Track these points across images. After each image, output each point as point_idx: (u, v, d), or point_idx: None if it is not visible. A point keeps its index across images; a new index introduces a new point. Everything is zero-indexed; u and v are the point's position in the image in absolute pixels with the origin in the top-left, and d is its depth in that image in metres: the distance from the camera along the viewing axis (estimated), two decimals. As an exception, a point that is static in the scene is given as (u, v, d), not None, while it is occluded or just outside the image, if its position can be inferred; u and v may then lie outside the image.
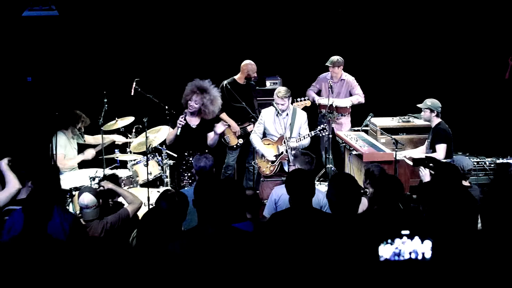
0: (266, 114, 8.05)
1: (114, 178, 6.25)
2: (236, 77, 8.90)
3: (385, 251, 2.89)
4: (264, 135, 8.12)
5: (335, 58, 9.18)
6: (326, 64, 9.19)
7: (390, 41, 10.40)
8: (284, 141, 7.78)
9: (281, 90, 7.86)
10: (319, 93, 9.39)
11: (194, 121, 7.59)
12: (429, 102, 7.85)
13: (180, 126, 7.36)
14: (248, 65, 8.86)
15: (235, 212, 4.39)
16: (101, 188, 5.90)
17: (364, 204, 5.69)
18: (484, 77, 10.18)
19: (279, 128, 7.88)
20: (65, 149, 8.04)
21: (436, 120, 7.83)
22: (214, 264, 3.67)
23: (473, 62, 10.25)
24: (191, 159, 7.32)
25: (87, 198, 5.51)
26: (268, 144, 8.01)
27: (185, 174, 7.47)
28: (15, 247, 4.09)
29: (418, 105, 8.03)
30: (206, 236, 3.74)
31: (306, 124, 7.99)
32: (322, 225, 4.25)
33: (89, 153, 8.16)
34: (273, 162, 7.92)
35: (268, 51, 10.15)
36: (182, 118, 7.39)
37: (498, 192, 4.06)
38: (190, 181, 7.41)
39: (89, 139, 8.38)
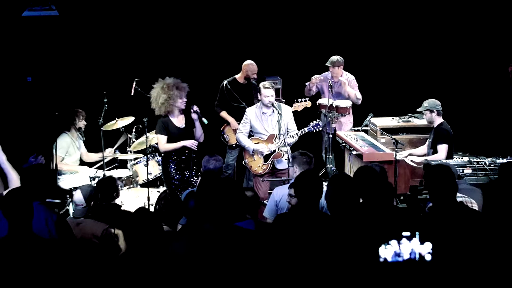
0: (251, 112, 7.92)
1: (111, 181, 6.24)
2: (237, 76, 8.91)
3: (386, 252, 2.90)
4: (251, 134, 8.03)
5: (335, 58, 9.15)
6: (326, 64, 9.16)
7: (390, 41, 10.39)
8: (275, 139, 7.75)
9: (264, 82, 7.85)
10: (318, 92, 9.37)
11: (181, 121, 7.67)
12: (426, 103, 7.84)
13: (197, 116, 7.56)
14: (249, 65, 8.86)
15: (236, 211, 4.39)
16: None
17: None
18: (484, 77, 10.18)
19: (268, 126, 7.83)
20: (67, 151, 8.04)
21: (438, 120, 7.81)
22: (217, 263, 3.67)
23: (473, 62, 10.24)
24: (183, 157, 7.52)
25: (76, 196, 5.60)
26: (257, 143, 7.88)
27: (176, 176, 7.52)
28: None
29: (418, 110, 8.03)
30: (209, 235, 3.75)
31: (293, 119, 7.89)
32: (328, 228, 4.24)
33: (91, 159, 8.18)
34: (265, 160, 7.84)
35: (268, 51, 10.14)
36: (194, 108, 7.58)
37: (501, 191, 4.05)
38: (179, 182, 7.47)
39: (83, 151, 8.36)
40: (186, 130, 7.67)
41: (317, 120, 7.97)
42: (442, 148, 7.66)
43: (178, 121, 7.65)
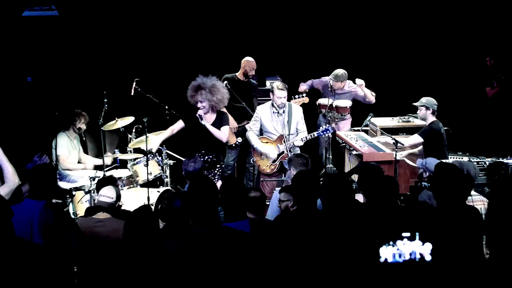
0: (262, 111, 7.95)
1: (111, 181, 6.24)
2: (237, 73, 8.94)
3: (386, 252, 2.90)
4: (261, 132, 8.06)
5: (339, 73, 9.00)
6: (330, 77, 9.04)
7: (390, 41, 10.40)
8: (284, 140, 7.76)
9: (278, 83, 7.84)
10: (319, 92, 9.37)
11: (209, 120, 7.62)
12: (424, 99, 7.91)
13: (200, 117, 7.49)
14: (247, 61, 8.88)
15: (235, 211, 4.39)
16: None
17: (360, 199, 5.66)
18: (484, 77, 10.17)
19: (278, 126, 7.84)
20: (67, 149, 8.05)
21: (431, 119, 7.87)
22: (206, 264, 3.67)
23: (473, 62, 10.25)
24: (211, 157, 7.53)
25: (108, 191, 5.62)
26: (267, 142, 7.91)
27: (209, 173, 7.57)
28: None
29: (414, 104, 8.06)
30: (199, 237, 3.74)
31: (303, 120, 7.93)
32: (327, 228, 4.24)
33: (91, 164, 8.16)
34: (274, 160, 7.87)
35: (268, 51, 10.15)
36: (198, 112, 7.52)
37: (499, 194, 4.05)
38: (216, 177, 7.51)
39: (81, 156, 8.37)
40: (205, 130, 7.57)
41: (327, 125, 7.99)
42: (415, 137, 7.87)
43: (207, 119, 7.60)
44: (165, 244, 3.80)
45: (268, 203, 6.52)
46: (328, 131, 7.87)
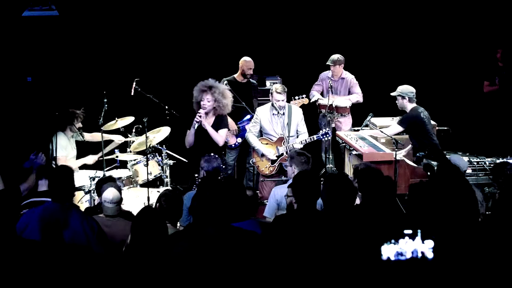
0: (262, 112, 7.95)
1: (111, 181, 6.20)
2: (235, 75, 8.94)
3: (388, 251, 2.91)
4: (261, 134, 8.05)
5: (335, 56, 9.20)
6: (327, 63, 9.20)
7: (390, 41, 10.40)
8: (284, 142, 7.76)
9: (277, 86, 7.84)
10: (322, 92, 9.39)
11: (207, 122, 7.56)
12: (399, 88, 7.99)
13: (197, 122, 7.38)
14: (244, 61, 8.90)
15: (237, 211, 4.39)
16: None
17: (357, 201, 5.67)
18: (484, 76, 10.16)
19: (277, 127, 7.83)
20: (66, 150, 8.04)
21: (409, 106, 7.94)
22: (218, 266, 3.67)
23: (473, 62, 10.24)
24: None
25: (112, 194, 5.44)
26: (267, 144, 7.91)
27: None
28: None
29: (391, 94, 8.10)
30: (211, 238, 3.73)
31: (303, 121, 7.94)
32: (328, 228, 4.24)
33: (91, 158, 8.12)
34: (273, 162, 7.86)
35: (268, 51, 10.15)
36: (198, 115, 7.39)
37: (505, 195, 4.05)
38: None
39: (87, 136, 8.33)
40: (201, 131, 7.53)
41: (327, 128, 7.99)
42: (394, 126, 7.98)
43: (206, 120, 7.57)
44: (174, 248, 3.79)
45: (266, 202, 6.53)
46: (328, 135, 7.88)
